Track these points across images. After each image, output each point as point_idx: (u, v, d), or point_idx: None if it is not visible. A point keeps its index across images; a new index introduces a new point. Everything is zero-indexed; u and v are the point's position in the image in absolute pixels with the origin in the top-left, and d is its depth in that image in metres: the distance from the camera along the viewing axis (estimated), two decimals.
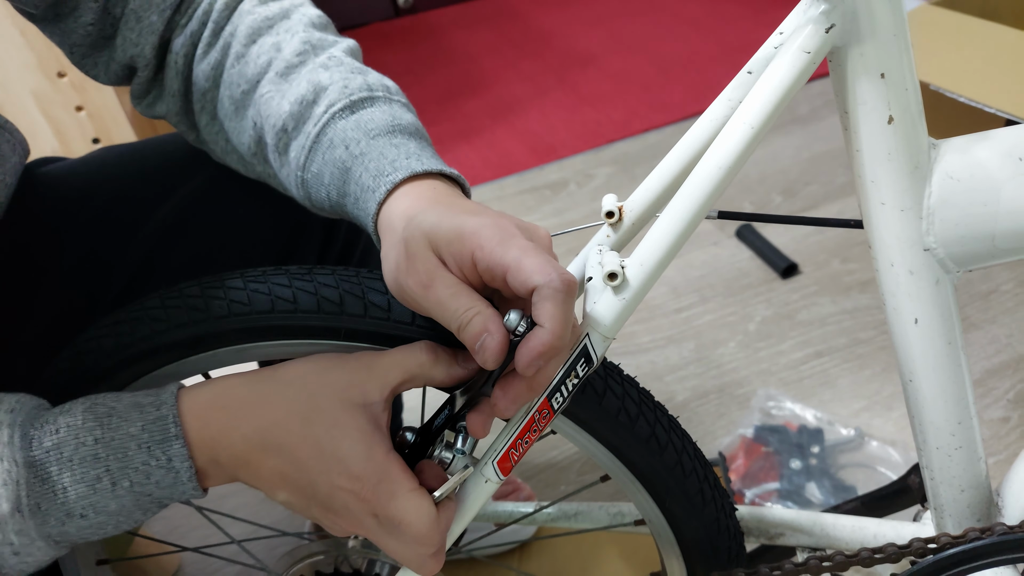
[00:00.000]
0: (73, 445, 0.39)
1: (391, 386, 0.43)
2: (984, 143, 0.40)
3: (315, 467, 0.41)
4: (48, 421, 0.40)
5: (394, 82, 0.53)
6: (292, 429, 0.41)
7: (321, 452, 0.41)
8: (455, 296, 0.39)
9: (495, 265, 0.37)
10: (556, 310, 0.36)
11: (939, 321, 0.43)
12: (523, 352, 0.37)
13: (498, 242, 0.37)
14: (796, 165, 1.65)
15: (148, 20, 0.52)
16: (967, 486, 0.48)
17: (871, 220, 0.42)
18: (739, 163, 0.39)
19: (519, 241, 0.38)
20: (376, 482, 0.40)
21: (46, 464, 0.39)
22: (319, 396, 0.42)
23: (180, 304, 0.50)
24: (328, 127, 0.48)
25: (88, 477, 0.39)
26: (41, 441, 0.39)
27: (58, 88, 1.27)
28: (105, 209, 0.63)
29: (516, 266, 0.37)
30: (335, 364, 0.44)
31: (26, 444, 0.39)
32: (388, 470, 0.40)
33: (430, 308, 0.40)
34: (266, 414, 0.42)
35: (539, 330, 0.37)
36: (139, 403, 0.42)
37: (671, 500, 0.52)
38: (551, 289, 0.36)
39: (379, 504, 0.40)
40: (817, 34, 0.37)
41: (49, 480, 0.39)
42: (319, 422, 0.41)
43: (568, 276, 0.37)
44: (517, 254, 0.37)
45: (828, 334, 1.24)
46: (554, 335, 0.36)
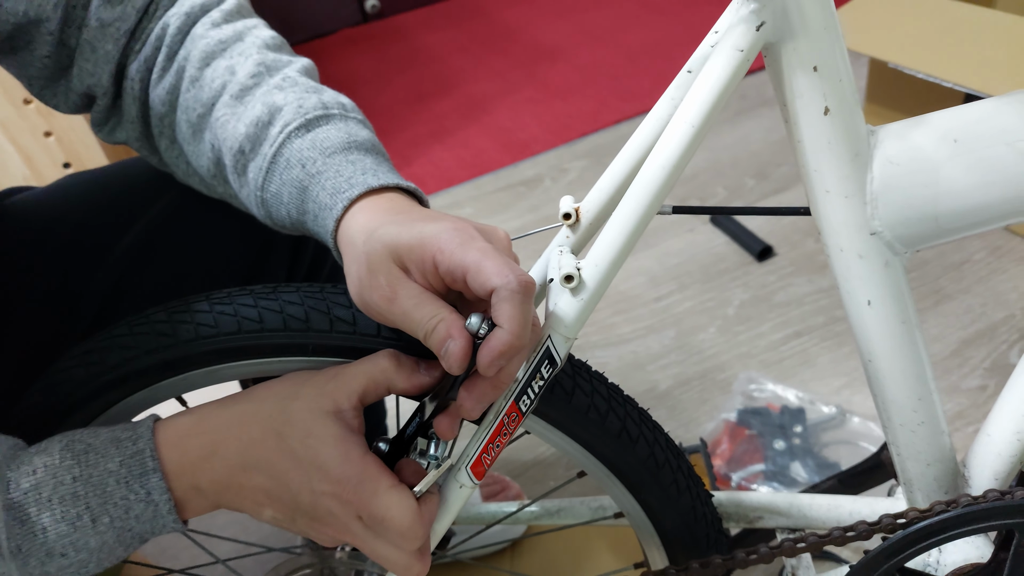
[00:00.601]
0: (52, 485, 0.40)
1: (357, 393, 0.44)
2: (920, 127, 0.41)
3: (296, 478, 0.42)
4: (25, 462, 0.40)
5: (351, 100, 0.53)
6: (269, 445, 0.42)
7: (299, 462, 0.42)
8: (419, 306, 0.40)
9: (455, 267, 0.38)
10: (514, 311, 0.37)
11: (891, 302, 0.44)
12: (484, 353, 0.38)
13: (458, 244, 0.38)
14: (767, 148, 1.66)
15: (103, 49, 0.52)
16: (932, 460, 0.49)
17: (818, 208, 0.43)
18: (683, 161, 0.40)
19: (478, 243, 0.39)
20: (356, 482, 0.41)
21: (24, 506, 0.39)
22: (291, 410, 0.43)
23: (148, 330, 0.51)
24: (284, 147, 0.48)
25: (68, 516, 0.40)
26: (19, 483, 0.39)
27: (24, 115, 1.26)
28: (71, 239, 0.63)
29: (476, 268, 0.38)
30: (304, 379, 0.45)
31: (3, 487, 0.39)
32: (366, 469, 0.41)
33: (396, 319, 0.41)
34: (243, 435, 0.43)
35: (498, 331, 0.38)
36: (117, 438, 0.42)
37: (646, 492, 0.53)
38: (508, 291, 0.37)
39: (362, 503, 0.41)
40: (749, 32, 0.38)
41: (28, 521, 0.39)
42: (293, 435, 0.42)
43: (525, 277, 0.38)
44: (477, 256, 0.38)
45: (806, 314, 1.26)
46: (513, 335, 0.37)
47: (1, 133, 1.26)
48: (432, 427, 0.44)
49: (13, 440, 0.43)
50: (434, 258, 0.39)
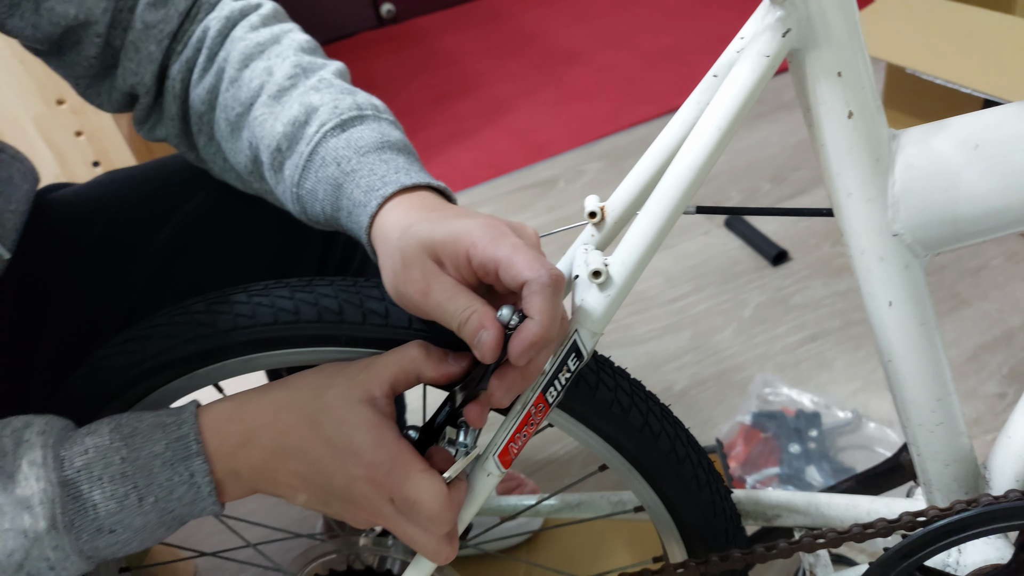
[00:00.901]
0: (102, 464, 0.42)
1: (388, 382, 0.45)
2: (941, 133, 0.42)
3: (330, 464, 0.43)
4: (76, 442, 0.42)
5: (381, 101, 0.55)
6: (304, 432, 0.44)
7: (334, 448, 0.43)
8: (452, 298, 0.41)
9: (488, 260, 0.40)
10: (544, 303, 0.39)
11: (912, 303, 0.45)
12: (515, 343, 0.39)
13: (490, 239, 0.40)
14: (783, 151, 1.67)
15: (147, 50, 0.54)
16: (951, 460, 0.50)
17: (840, 210, 0.45)
18: (709, 163, 0.41)
19: (510, 239, 0.41)
20: (389, 466, 0.43)
21: (78, 483, 0.41)
22: (325, 399, 0.45)
23: (187, 320, 0.52)
24: (320, 146, 0.50)
25: (117, 494, 0.42)
26: (72, 461, 0.42)
27: (57, 114, 1.30)
28: (109, 234, 0.65)
29: (507, 262, 0.39)
30: (338, 369, 0.47)
31: (58, 464, 0.41)
32: (399, 454, 0.43)
33: (430, 311, 0.42)
34: (279, 422, 0.45)
35: (529, 322, 0.39)
36: (162, 422, 0.44)
37: (667, 486, 0.54)
38: (539, 284, 0.39)
39: (394, 487, 0.43)
40: (775, 39, 0.39)
41: (81, 498, 0.41)
42: (328, 422, 0.44)
43: (555, 271, 0.40)
44: (508, 251, 0.40)
45: (822, 317, 1.27)
46: (543, 327, 0.39)
47: (35, 131, 1.29)
48: (462, 416, 0.46)
49: (64, 421, 0.45)
50: (467, 252, 0.41)
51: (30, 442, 0.41)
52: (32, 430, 0.42)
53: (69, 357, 0.63)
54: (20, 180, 0.63)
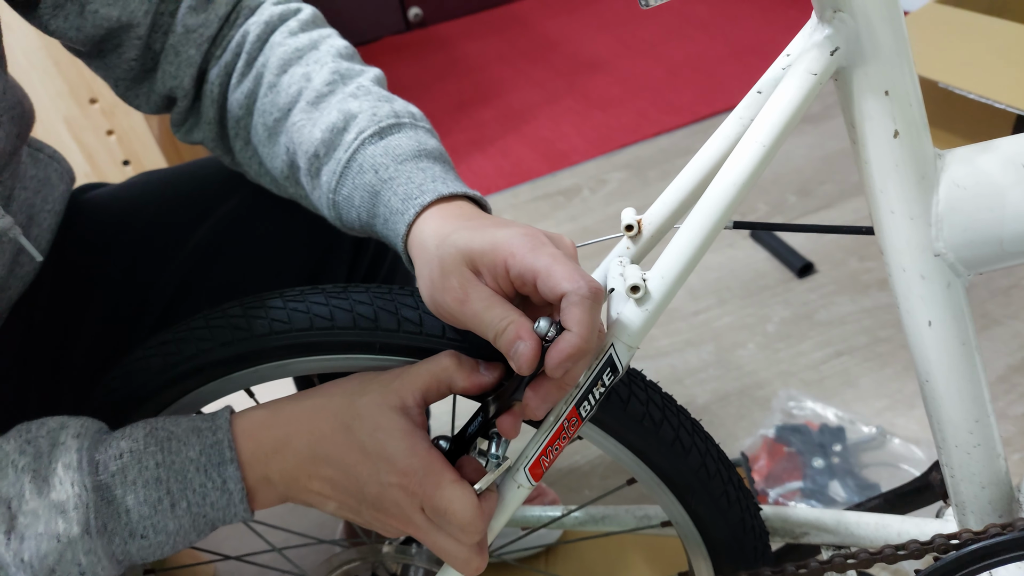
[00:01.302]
0: (136, 469, 0.42)
1: (421, 390, 0.46)
2: (988, 152, 0.41)
3: (364, 470, 0.44)
4: (111, 445, 0.43)
5: (418, 108, 0.55)
6: (338, 439, 0.44)
7: (368, 455, 0.43)
8: (489, 308, 0.41)
9: (526, 271, 0.40)
10: (584, 315, 0.39)
11: (952, 323, 0.45)
12: (553, 355, 0.39)
13: (529, 249, 0.40)
14: (810, 164, 1.66)
15: (187, 54, 0.55)
16: (987, 483, 0.49)
17: (882, 228, 0.44)
18: (752, 180, 0.41)
19: (549, 249, 0.41)
20: (422, 475, 0.43)
21: (112, 487, 0.41)
22: (359, 406, 0.45)
23: (224, 324, 0.53)
24: (358, 153, 0.51)
25: (150, 499, 0.42)
26: (107, 465, 0.42)
27: (89, 114, 1.32)
28: (144, 234, 0.66)
29: (546, 272, 0.39)
30: (371, 377, 0.47)
31: (93, 469, 0.41)
32: (431, 463, 0.43)
33: (467, 321, 0.43)
34: (313, 429, 0.45)
35: (567, 334, 0.39)
36: (197, 427, 0.44)
37: (697, 502, 0.54)
38: (579, 296, 0.39)
39: (426, 495, 0.43)
40: (823, 57, 0.39)
41: (114, 502, 0.41)
42: (362, 429, 0.44)
43: (595, 284, 0.40)
44: (547, 261, 0.40)
45: (848, 333, 1.25)
46: (582, 338, 0.39)
47: (66, 131, 1.32)
48: (494, 427, 0.46)
49: (99, 424, 0.46)
50: (506, 262, 0.41)
51: (65, 444, 0.42)
52: (67, 432, 0.43)
53: (103, 357, 0.64)
54: (57, 180, 0.64)
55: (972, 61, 1.22)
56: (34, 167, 0.60)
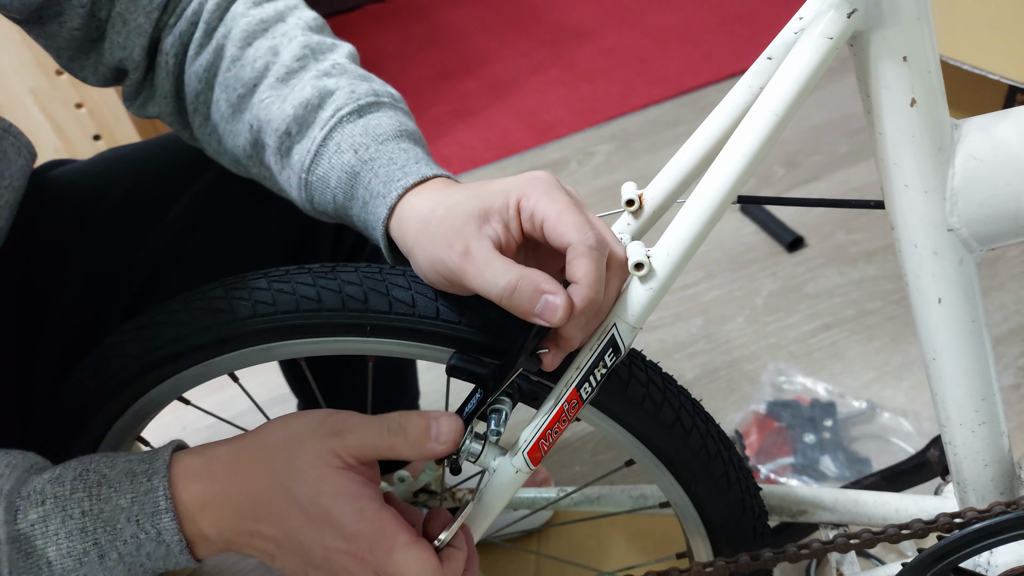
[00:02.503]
0: (60, 518, 0.38)
1: (362, 455, 0.41)
2: (1007, 121, 0.40)
3: (307, 534, 0.40)
4: (36, 490, 0.39)
5: (388, 80, 0.53)
6: (277, 499, 0.40)
7: (310, 519, 0.40)
8: (495, 260, 0.39)
9: (539, 212, 0.39)
10: (591, 266, 0.38)
11: (963, 300, 0.44)
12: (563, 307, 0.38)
13: (544, 191, 0.40)
14: (797, 136, 1.64)
15: (135, 22, 0.51)
16: (990, 460, 0.49)
17: (894, 202, 0.43)
18: (764, 150, 0.39)
19: (562, 195, 0.40)
20: (372, 541, 0.39)
21: (31, 538, 0.37)
22: (298, 466, 0.40)
23: (205, 306, 0.50)
24: (335, 131, 0.48)
25: (75, 551, 0.38)
26: (27, 513, 0.38)
27: (56, 85, 1.26)
28: (115, 212, 0.63)
29: (556, 218, 0.39)
30: (310, 428, 0.42)
31: (10, 517, 0.37)
32: (382, 527, 0.39)
33: (468, 275, 0.40)
34: (251, 485, 0.41)
35: (575, 287, 0.38)
36: (132, 471, 0.40)
37: (696, 483, 0.53)
38: (586, 246, 0.38)
39: (378, 563, 0.39)
40: (839, 19, 0.37)
41: (34, 555, 0.37)
42: (302, 492, 0.40)
43: (601, 235, 0.39)
44: (560, 208, 0.39)
45: (836, 306, 1.25)
46: (591, 289, 0.38)
47: (33, 103, 1.26)
48: (492, 404, 0.44)
49: (31, 460, 0.41)
50: (519, 202, 0.40)
51: None
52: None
53: (75, 342, 0.61)
54: (15, 155, 0.60)
55: (963, 31, 1.20)
56: None
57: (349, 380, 0.78)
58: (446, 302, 0.48)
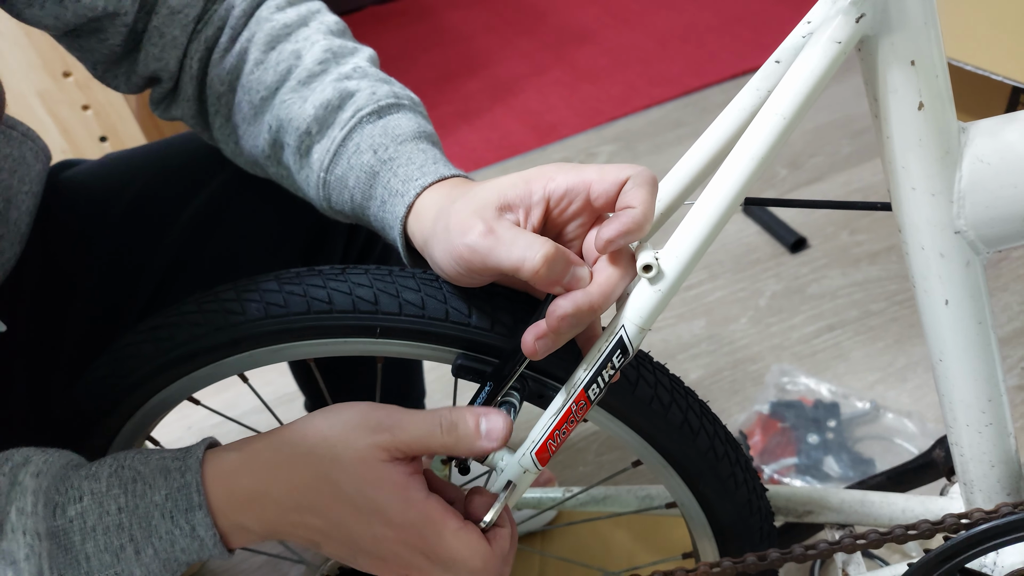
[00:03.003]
0: (97, 514, 0.39)
1: (409, 451, 0.41)
2: (1014, 125, 0.40)
3: (354, 524, 0.40)
4: (73, 486, 0.39)
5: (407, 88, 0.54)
6: (324, 491, 0.40)
7: (358, 509, 0.40)
8: (521, 233, 0.40)
9: (574, 184, 0.40)
10: (647, 195, 0.39)
11: (969, 302, 0.44)
12: (610, 226, 0.38)
13: (569, 169, 0.40)
14: (800, 137, 1.65)
15: (171, 35, 0.53)
16: (997, 461, 0.49)
17: (901, 204, 0.43)
18: (772, 153, 0.40)
19: (590, 165, 0.40)
20: (420, 527, 0.40)
21: (69, 533, 0.38)
22: (343, 459, 0.40)
23: (217, 308, 0.51)
24: (355, 132, 0.49)
25: (111, 546, 0.39)
26: (65, 509, 0.38)
27: (63, 87, 1.27)
28: (132, 211, 0.63)
29: (600, 176, 0.40)
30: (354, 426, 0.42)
31: (49, 513, 0.38)
32: (430, 515, 0.40)
33: (494, 253, 0.40)
34: (294, 478, 0.41)
35: (628, 211, 0.38)
36: (166, 468, 0.41)
37: (703, 484, 0.53)
38: (643, 178, 0.39)
39: (428, 548, 0.40)
40: (847, 24, 0.37)
41: (72, 550, 0.38)
42: (348, 483, 0.40)
43: (650, 175, 0.40)
44: (595, 170, 0.40)
45: (839, 307, 1.25)
46: (644, 215, 0.38)
47: (40, 105, 1.27)
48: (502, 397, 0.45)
49: (68, 457, 0.42)
50: (544, 187, 0.40)
51: (23, 485, 0.38)
52: (28, 470, 0.39)
53: (93, 342, 0.61)
54: (33, 160, 0.60)
55: (966, 32, 1.21)
56: (8, 146, 0.57)
57: (357, 379, 0.79)
58: (455, 304, 0.48)
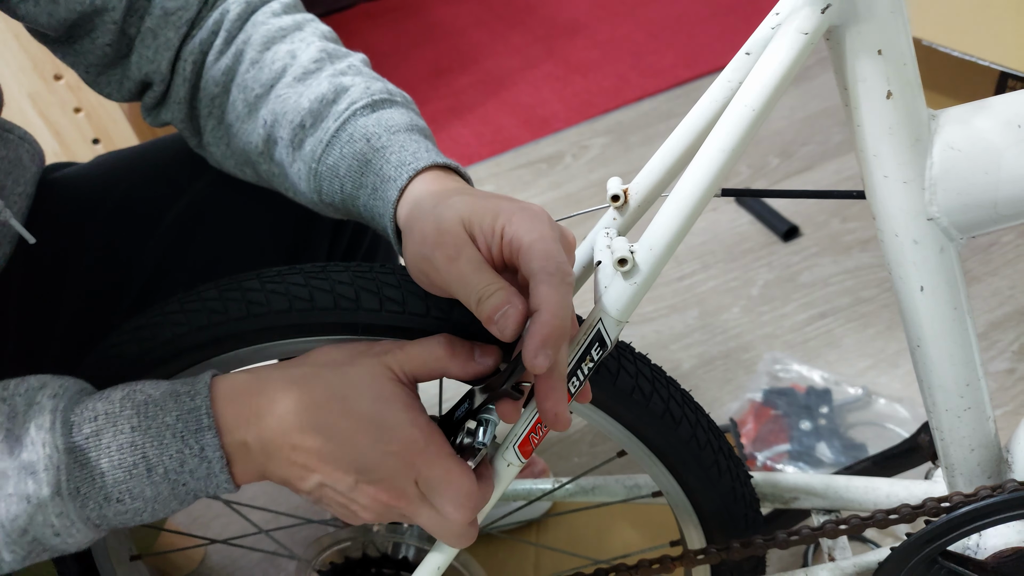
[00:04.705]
0: (111, 432, 0.40)
1: (412, 372, 0.45)
2: (984, 112, 0.40)
3: (363, 439, 0.42)
4: (88, 407, 0.41)
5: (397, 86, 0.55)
6: (333, 408, 0.42)
7: (369, 422, 0.42)
8: (478, 271, 0.41)
9: (515, 239, 0.40)
10: (551, 292, 0.38)
11: (944, 288, 0.44)
12: (529, 344, 0.38)
13: (528, 222, 0.40)
14: (791, 126, 1.65)
15: (164, 37, 0.53)
16: (977, 445, 0.49)
17: (874, 193, 0.43)
18: (742, 145, 0.40)
19: (545, 228, 0.40)
20: (424, 444, 0.42)
21: (86, 450, 0.40)
22: (354, 376, 0.43)
23: (199, 307, 0.51)
24: (348, 123, 0.50)
25: (125, 463, 0.40)
26: (81, 427, 0.40)
27: (54, 90, 1.27)
28: (120, 210, 0.64)
29: (528, 246, 0.39)
30: (360, 349, 0.46)
31: (67, 430, 0.40)
32: (432, 435, 0.43)
33: (451, 280, 0.41)
34: (303, 396, 0.43)
35: (538, 314, 0.38)
36: (176, 391, 0.43)
37: (687, 472, 0.54)
38: (546, 273, 0.39)
39: (428, 464, 0.42)
40: (814, 15, 0.37)
41: (88, 465, 0.40)
42: (360, 398, 0.43)
43: (566, 267, 0.39)
44: (536, 237, 0.39)
45: (831, 294, 1.26)
46: (553, 315, 0.38)
47: (31, 108, 1.27)
48: (480, 413, 0.45)
49: (81, 385, 0.44)
50: (503, 228, 0.40)
51: (40, 404, 0.40)
52: (45, 392, 0.41)
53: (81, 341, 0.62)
54: (29, 162, 0.61)
55: (955, 17, 1.20)
56: (4, 148, 0.58)
57: None
58: (436, 299, 0.48)
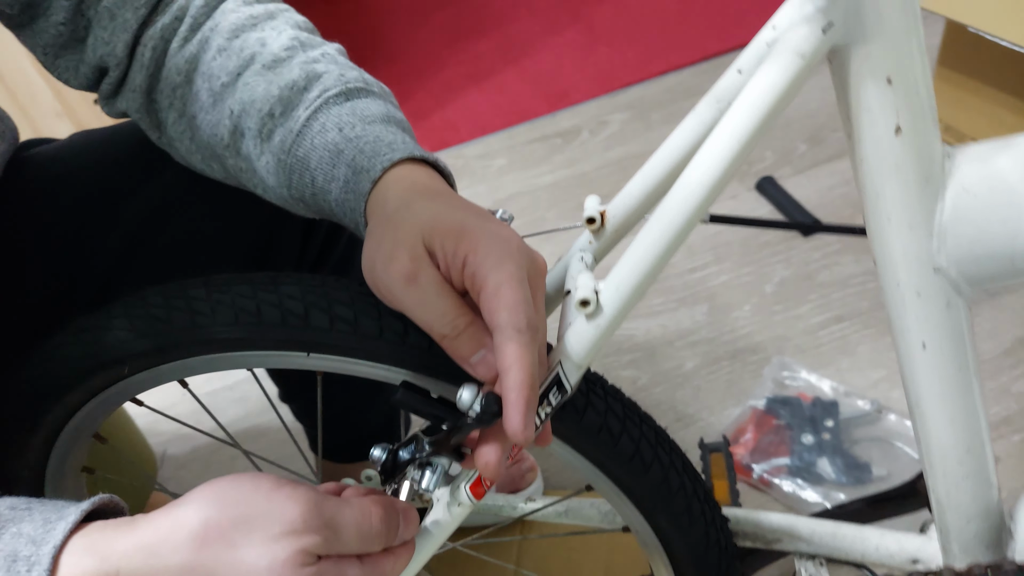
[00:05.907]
0: None
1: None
2: (1007, 152, 0.35)
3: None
4: None
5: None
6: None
7: None
8: (439, 296, 0.37)
9: (479, 276, 0.36)
10: (522, 352, 0.35)
11: (949, 346, 0.39)
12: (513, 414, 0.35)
13: (495, 256, 0.36)
14: (824, 108, 1.55)
15: (122, 17, 0.50)
16: (975, 516, 0.45)
17: (875, 235, 0.38)
18: (725, 178, 0.35)
19: (512, 267, 0.36)
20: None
21: None
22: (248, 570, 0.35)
23: (143, 314, 0.49)
24: (320, 112, 0.46)
25: None
26: None
27: None
28: (87, 194, 0.61)
29: (494, 291, 0.35)
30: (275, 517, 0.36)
31: None
32: None
33: (409, 303, 0.38)
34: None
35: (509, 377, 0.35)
36: (15, 554, 0.35)
37: (658, 515, 0.50)
38: (514, 330, 0.35)
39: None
40: (813, 35, 0.32)
41: None
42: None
43: (535, 321, 0.36)
44: (503, 279, 0.35)
45: (849, 297, 1.19)
46: (527, 383, 0.35)
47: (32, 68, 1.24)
48: (428, 459, 0.41)
49: None
50: (466, 256, 0.36)
51: None
52: None
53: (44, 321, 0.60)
54: None
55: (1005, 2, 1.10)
56: None
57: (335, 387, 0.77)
58: (390, 320, 0.45)
